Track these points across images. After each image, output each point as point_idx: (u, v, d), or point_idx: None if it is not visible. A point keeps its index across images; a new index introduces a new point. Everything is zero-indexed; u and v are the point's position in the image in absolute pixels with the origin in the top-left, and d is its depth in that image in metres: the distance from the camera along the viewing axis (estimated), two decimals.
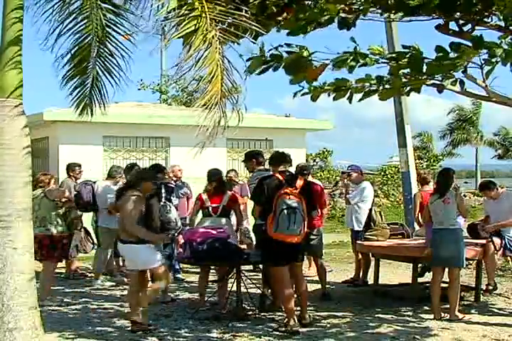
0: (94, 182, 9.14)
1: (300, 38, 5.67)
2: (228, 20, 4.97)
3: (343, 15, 5.46)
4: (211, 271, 7.86)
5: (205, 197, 7.60)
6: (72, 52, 6.36)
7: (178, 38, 4.90)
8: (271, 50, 5.56)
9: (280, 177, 6.54)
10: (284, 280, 6.46)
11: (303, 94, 5.88)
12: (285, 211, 6.22)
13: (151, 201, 7.61)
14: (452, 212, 6.92)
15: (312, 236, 7.61)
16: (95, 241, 9.31)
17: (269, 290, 7.37)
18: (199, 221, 7.67)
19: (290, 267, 6.55)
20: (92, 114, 6.71)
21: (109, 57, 6.43)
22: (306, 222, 6.41)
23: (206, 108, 4.91)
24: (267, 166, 7.44)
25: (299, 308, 6.66)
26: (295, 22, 5.45)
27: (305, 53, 5.51)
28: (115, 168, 9.36)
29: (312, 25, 5.42)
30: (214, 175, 7.64)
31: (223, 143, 13.98)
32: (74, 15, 6.21)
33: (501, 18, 5.25)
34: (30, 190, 5.41)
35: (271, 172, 6.92)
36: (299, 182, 6.57)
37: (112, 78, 6.50)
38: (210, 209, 7.50)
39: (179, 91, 23.71)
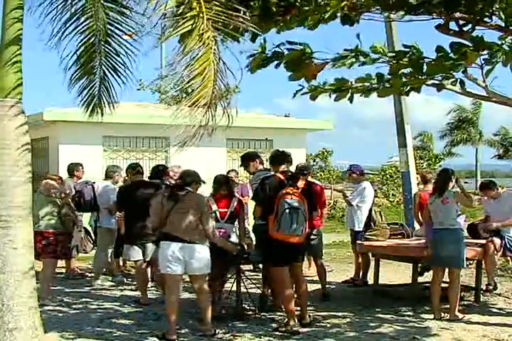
0: (94, 183, 9.15)
1: (300, 36, 5.68)
2: (227, 21, 4.96)
3: (345, 12, 5.45)
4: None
5: (211, 201, 7.57)
6: (78, 52, 6.35)
7: (175, 37, 4.90)
8: (273, 48, 5.57)
9: (282, 177, 6.54)
10: (285, 280, 6.46)
11: (303, 94, 5.88)
12: (287, 211, 6.21)
13: (151, 201, 7.63)
14: (452, 211, 6.92)
15: (312, 236, 7.60)
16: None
17: (269, 290, 7.37)
18: None
19: (290, 267, 6.54)
20: (102, 114, 6.71)
21: (115, 56, 6.43)
22: (307, 223, 6.41)
23: (195, 107, 4.89)
24: (266, 166, 7.44)
25: (299, 308, 6.66)
26: (296, 21, 5.45)
27: (307, 50, 5.51)
28: (111, 168, 9.37)
29: (314, 17, 5.38)
30: (222, 182, 7.61)
31: (223, 143, 13.98)
32: (77, 15, 6.20)
33: (502, 17, 5.24)
34: (30, 190, 5.41)
35: (272, 172, 6.92)
36: (301, 183, 6.57)
37: (119, 77, 6.50)
38: (218, 213, 7.48)
39: (178, 91, 23.67)
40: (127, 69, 6.42)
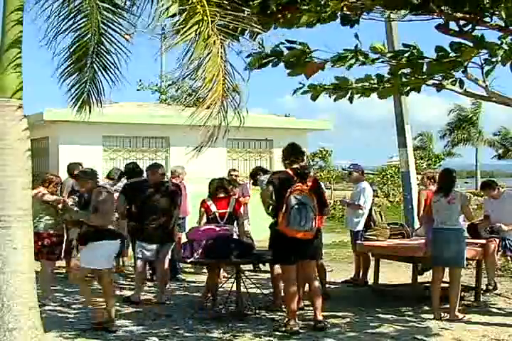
0: None
1: (300, 35, 5.70)
2: (230, 23, 4.96)
3: (345, 12, 5.45)
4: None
5: (209, 202, 7.60)
6: (71, 50, 6.36)
7: (179, 43, 4.90)
8: (272, 47, 5.58)
9: (291, 173, 6.52)
10: (290, 278, 6.45)
11: (303, 93, 5.88)
12: (296, 207, 6.23)
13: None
14: (456, 212, 6.91)
15: None
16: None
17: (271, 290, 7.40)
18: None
19: (302, 266, 6.54)
20: (90, 112, 6.70)
21: (106, 55, 6.43)
22: (317, 219, 6.42)
23: (207, 110, 4.92)
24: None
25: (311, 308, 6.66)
26: (295, 19, 5.45)
27: (307, 50, 5.52)
28: (117, 172, 9.35)
29: (312, 16, 5.37)
30: (218, 186, 7.65)
31: (223, 143, 13.98)
32: (74, 13, 6.20)
33: (503, 17, 5.24)
34: (30, 191, 5.41)
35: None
36: (309, 179, 6.58)
37: (109, 76, 6.50)
38: (217, 214, 7.52)
39: (178, 92, 23.73)
40: (117, 68, 6.43)
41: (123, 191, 8.16)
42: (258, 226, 7.95)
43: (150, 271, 9.09)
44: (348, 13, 5.45)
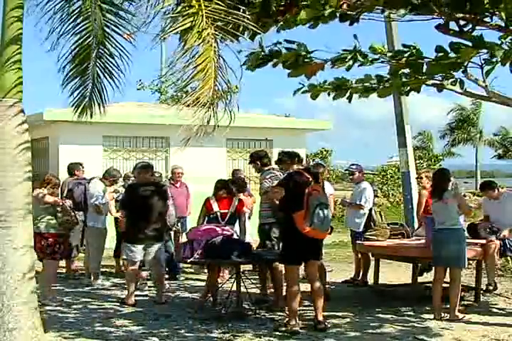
0: (89, 181, 9.08)
1: (300, 36, 5.69)
2: (226, 19, 4.96)
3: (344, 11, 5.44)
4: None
5: (212, 201, 7.61)
6: (74, 53, 6.36)
7: (175, 33, 4.91)
8: (270, 46, 5.58)
9: (307, 175, 6.52)
10: (294, 278, 6.46)
11: (303, 92, 5.90)
12: (318, 207, 6.25)
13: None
14: (453, 211, 6.91)
15: None
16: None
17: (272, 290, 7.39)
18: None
19: (305, 266, 6.56)
20: (91, 116, 6.70)
21: (109, 58, 6.43)
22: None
23: (196, 105, 4.88)
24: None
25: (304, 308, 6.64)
26: (295, 17, 5.44)
27: (303, 52, 5.52)
28: (113, 172, 9.30)
29: (311, 13, 5.35)
30: (220, 186, 7.67)
31: (223, 143, 13.99)
32: (75, 15, 6.21)
33: (503, 17, 5.24)
34: (29, 190, 5.41)
35: (276, 172, 7.07)
36: (321, 179, 6.63)
37: (112, 79, 6.49)
38: (219, 214, 7.52)
39: (177, 91, 23.71)
40: (120, 71, 6.42)
41: (127, 191, 8.19)
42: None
43: (150, 271, 9.10)
44: (348, 13, 5.44)
